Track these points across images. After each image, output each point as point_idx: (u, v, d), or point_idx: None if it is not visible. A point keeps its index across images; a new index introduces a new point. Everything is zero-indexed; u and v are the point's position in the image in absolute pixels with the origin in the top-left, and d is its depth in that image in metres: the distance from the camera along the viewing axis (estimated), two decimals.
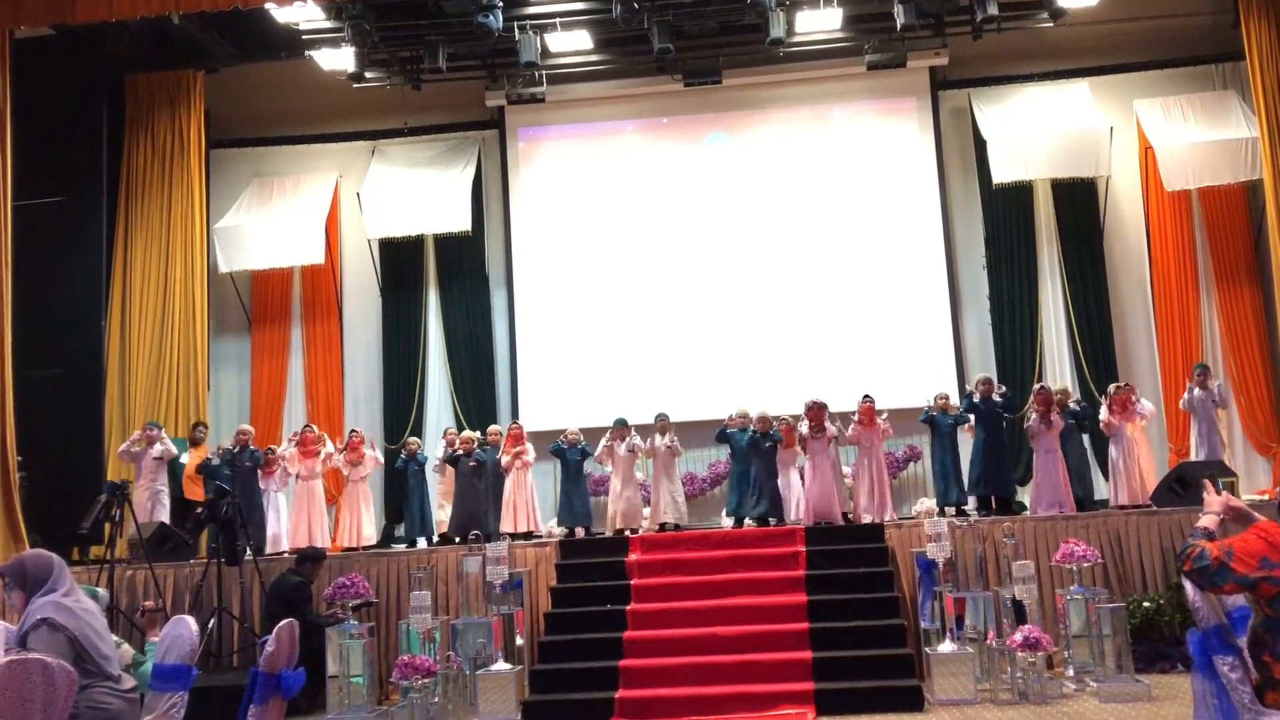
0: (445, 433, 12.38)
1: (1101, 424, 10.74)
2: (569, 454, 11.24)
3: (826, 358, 13.06)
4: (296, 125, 14.23)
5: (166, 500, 11.29)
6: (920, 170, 13.53)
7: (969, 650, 8.28)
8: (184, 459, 11.69)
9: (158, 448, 11.23)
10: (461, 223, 13.37)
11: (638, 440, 11.10)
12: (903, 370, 12.88)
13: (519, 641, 9.15)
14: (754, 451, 10.79)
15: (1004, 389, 10.84)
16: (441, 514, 11.77)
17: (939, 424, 10.88)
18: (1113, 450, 10.61)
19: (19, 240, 10.80)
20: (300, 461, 11.24)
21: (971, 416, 10.83)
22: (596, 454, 11.18)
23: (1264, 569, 3.76)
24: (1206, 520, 4.00)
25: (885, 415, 10.77)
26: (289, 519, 11.38)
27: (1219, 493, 4.13)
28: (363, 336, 14.07)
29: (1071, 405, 10.97)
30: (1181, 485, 9.86)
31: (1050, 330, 13.18)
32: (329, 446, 11.41)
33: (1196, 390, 10.93)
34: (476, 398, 13.63)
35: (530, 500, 11.19)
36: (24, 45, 11.40)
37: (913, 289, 13.30)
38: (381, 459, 12.02)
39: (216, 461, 10.94)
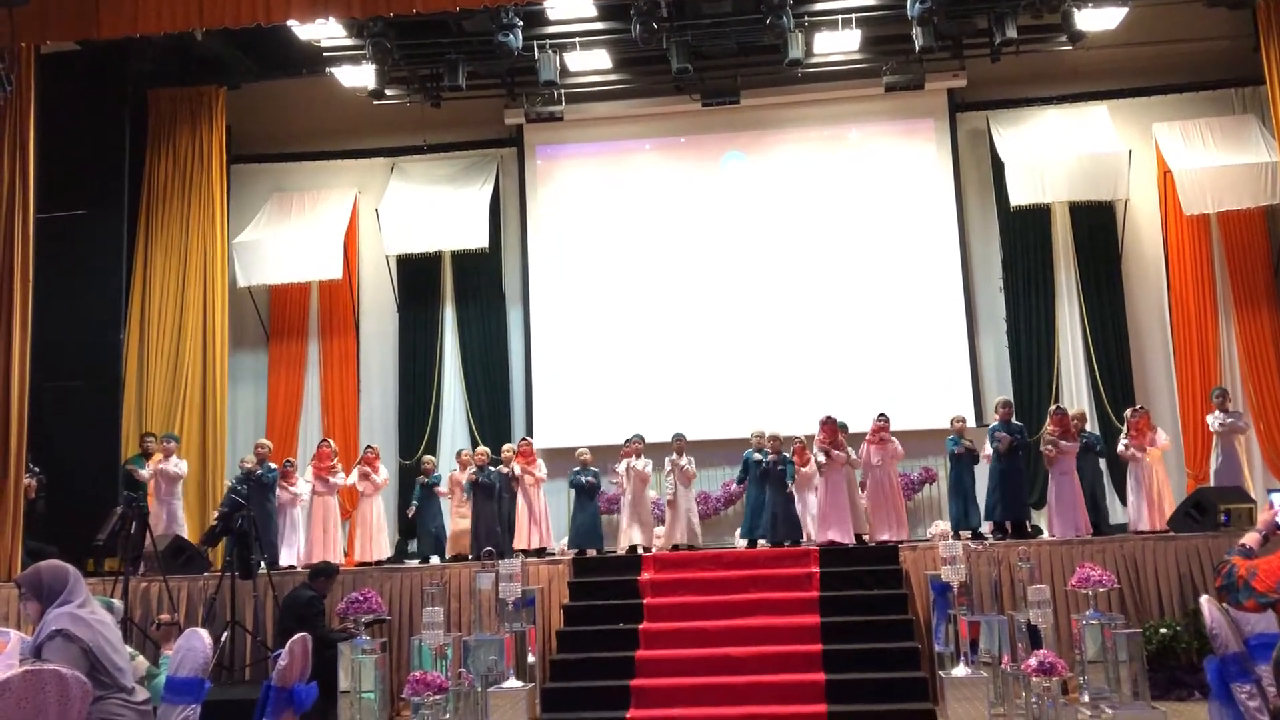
0: (459, 454, 12.11)
1: (1121, 453, 10.67)
2: (579, 475, 11.24)
3: (843, 378, 13.03)
4: (316, 141, 14.34)
5: (180, 514, 11.33)
6: (938, 192, 13.52)
7: (983, 674, 8.23)
8: (144, 471, 11.38)
9: (172, 463, 11.29)
10: (479, 240, 13.41)
11: (648, 466, 11.12)
12: (919, 392, 12.85)
13: (531, 659, 9.13)
14: (768, 475, 10.77)
15: (1020, 426, 10.75)
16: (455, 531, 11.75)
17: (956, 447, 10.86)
18: (1130, 476, 10.55)
19: (40, 252, 10.90)
20: (315, 477, 11.31)
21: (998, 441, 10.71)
22: (616, 481, 11.19)
23: None
24: (1248, 538, 4.00)
25: (893, 441, 10.75)
26: (304, 533, 11.41)
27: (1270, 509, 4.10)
28: (379, 352, 14.12)
29: (1084, 433, 10.86)
30: (1199, 511, 9.78)
31: (1067, 353, 13.11)
32: (339, 479, 11.49)
33: (1219, 413, 10.87)
34: (491, 414, 13.64)
35: (543, 517, 11.19)
36: (49, 60, 11.55)
37: (929, 310, 13.27)
38: (387, 482, 12.03)
39: (241, 486, 10.93)
